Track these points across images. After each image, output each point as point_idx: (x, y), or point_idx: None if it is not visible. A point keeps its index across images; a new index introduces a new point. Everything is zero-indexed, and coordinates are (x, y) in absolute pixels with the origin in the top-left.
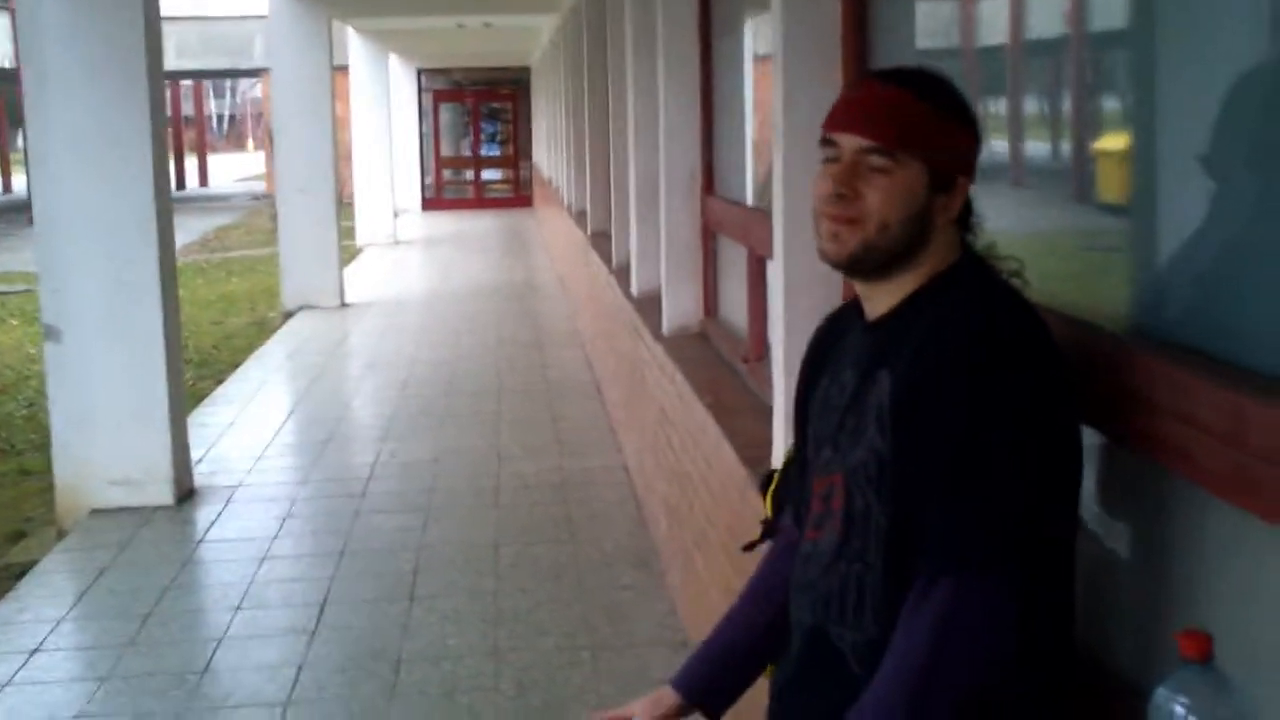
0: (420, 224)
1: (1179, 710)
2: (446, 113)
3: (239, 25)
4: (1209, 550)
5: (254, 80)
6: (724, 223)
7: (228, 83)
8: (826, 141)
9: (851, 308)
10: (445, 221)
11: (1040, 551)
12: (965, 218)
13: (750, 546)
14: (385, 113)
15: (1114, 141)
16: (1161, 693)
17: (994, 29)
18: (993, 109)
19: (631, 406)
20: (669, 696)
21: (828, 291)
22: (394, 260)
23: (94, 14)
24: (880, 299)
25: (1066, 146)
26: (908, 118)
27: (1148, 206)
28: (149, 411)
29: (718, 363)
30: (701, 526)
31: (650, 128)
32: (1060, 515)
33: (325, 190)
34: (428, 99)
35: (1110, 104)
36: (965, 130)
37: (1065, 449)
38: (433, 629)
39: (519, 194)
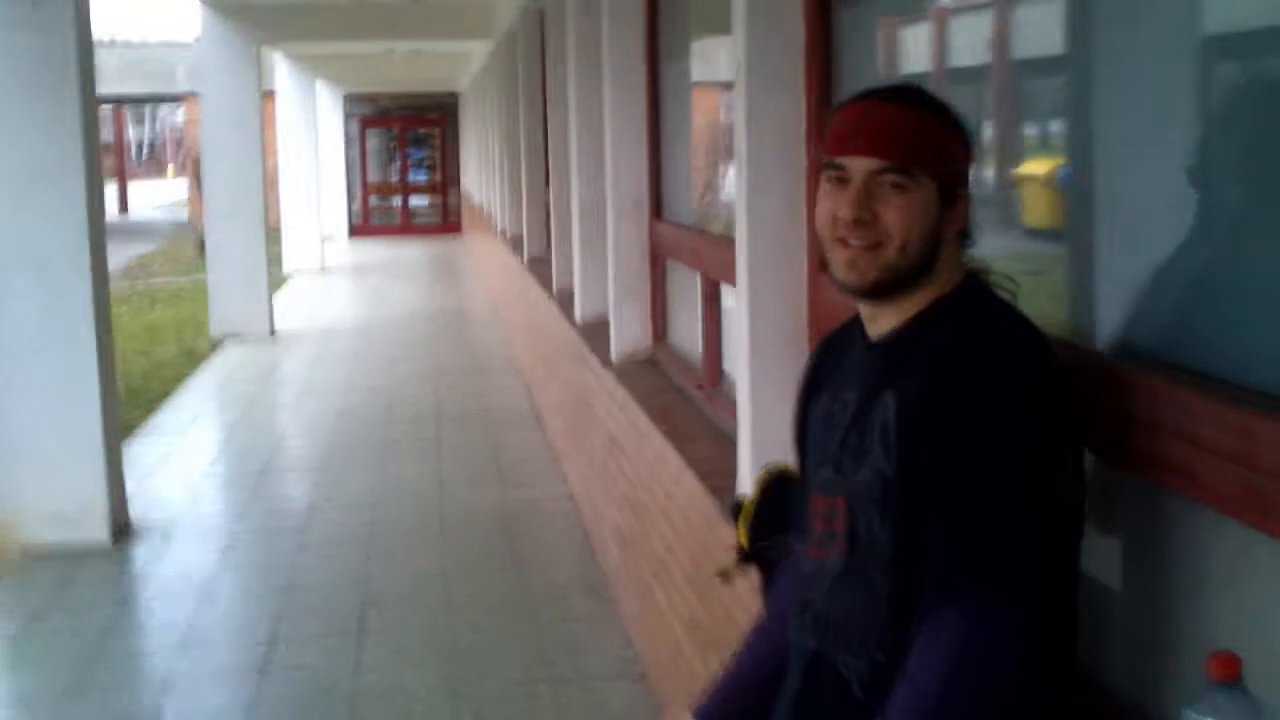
0: (348, 251)
1: None
2: (373, 138)
3: (160, 51)
4: (1213, 569)
5: (173, 106)
6: (674, 248)
7: (146, 108)
8: (832, 165)
9: (852, 327)
10: (373, 248)
11: (1048, 575)
12: (963, 233)
13: (724, 575)
14: (312, 138)
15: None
16: (1190, 715)
17: (962, 51)
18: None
19: (577, 434)
20: None
21: (794, 319)
22: (322, 288)
23: (24, 39)
24: (885, 319)
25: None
26: (918, 135)
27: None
28: (83, 446)
29: (670, 389)
30: (660, 557)
31: (593, 154)
32: (1066, 539)
33: (254, 217)
34: (354, 125)
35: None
36: (964, 143)
37: (1072, 472)
38: (386, 665)
39: (447, 221)
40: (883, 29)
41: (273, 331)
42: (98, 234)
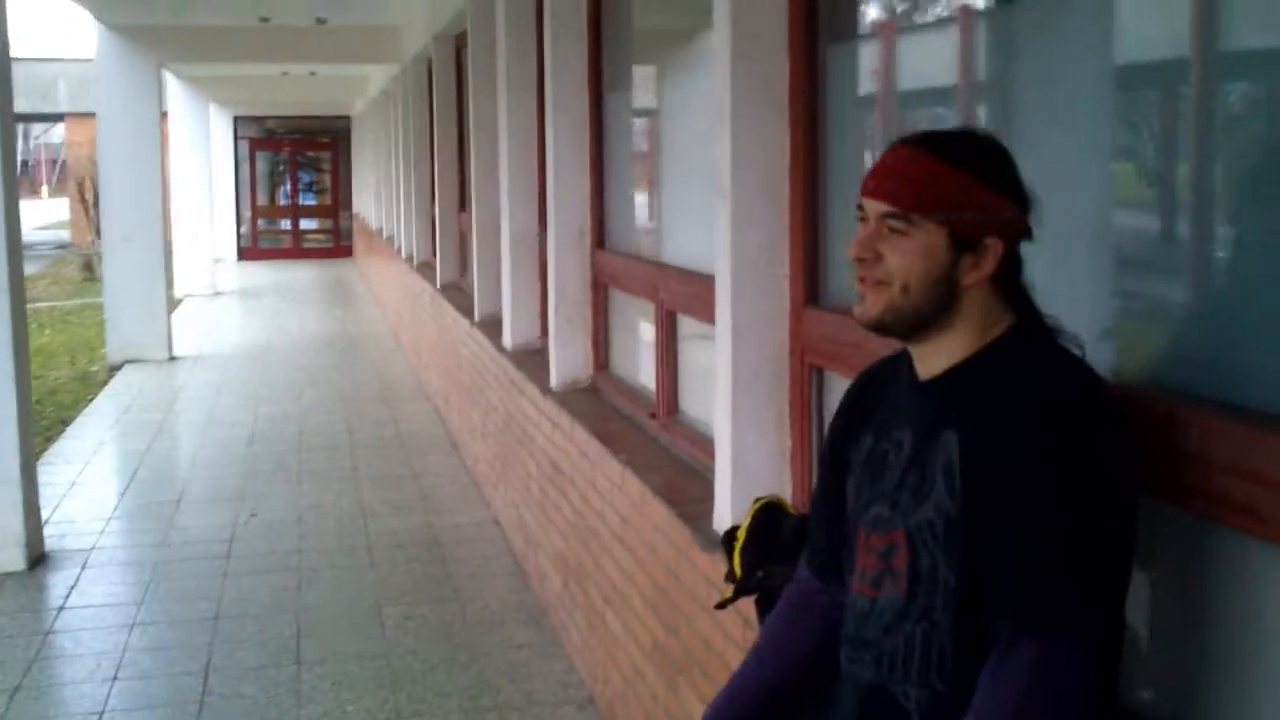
0: (239, 274)
1: None
2: (263, 161)
3: (39, 68)
4: (1261, 598)
5: (46, 125)
6: (622, 278)
7: (20, 127)
8: (859, 206)
9: (893, 365)
10: (265, 272)
11: (1109, 608)
12: (1013, 278)
13: (723, 605)
14: (205, 160)
15: None
16: None
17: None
18: None
19: (506, 462)
20: None
21: (776, 352)
22: (218, 311)
23: None
24: (933, 359)
25: None
26: (923, 180)
27: None
28: None
29: (617, 417)
30: (614, 583)
31: (526, 181)
32: (1122, 574)
33: (153, 239)
34: (244, 147)
35: None
36: (996, 191)
37: (1128, 509)
38: (328, 695)
39: (339, 244)
40: (870, 60)
41: (172, 356)
42: (15, 253)
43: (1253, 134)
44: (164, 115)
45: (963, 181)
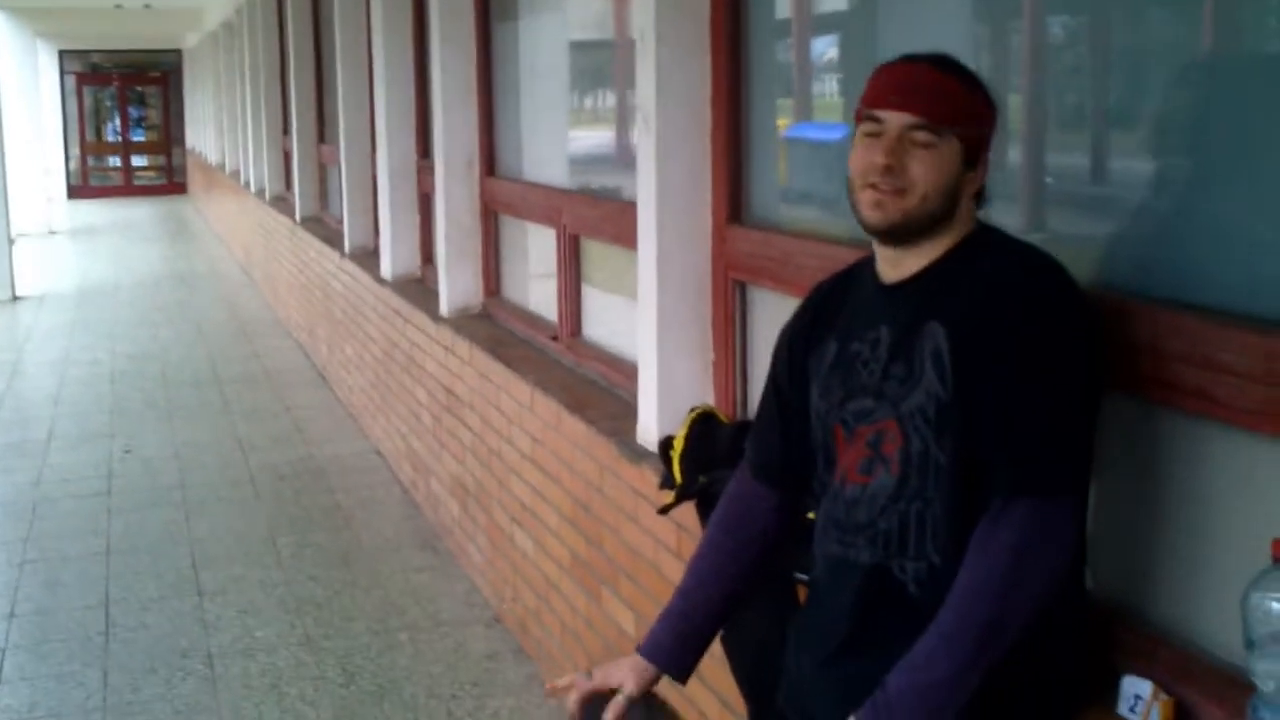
0: (71, 213)
1: (1276, 606)
2: (91, 97)
3: None
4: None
5: None
6: (515, 204)
7: None
8: (870, 117)
9: (854, 275)
10: (98, 210)
11: (1087, 477)
12: (979, 193)
13: (666, 509)
14: (35, 96)
15: None
16: (1255, 595)
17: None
18: None
19: (387, 391)
20: (646, 667)
21: (699, 273)
22: (55, 250)
23: None
24: (909, 262)
25: None
26: (949, 97)
27: None
28: None
29: (515, 341)
30: (523, 503)
31: (404, 113)
32: (1092, 443)
33: None
34: (70, 81)
35: None
36: (991, 111)
37: (1099, 381)
38: (234, 623)
39: (172, 181)
40: None
41: (15, 296)
42: None
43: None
44: None
45: (976, 100)
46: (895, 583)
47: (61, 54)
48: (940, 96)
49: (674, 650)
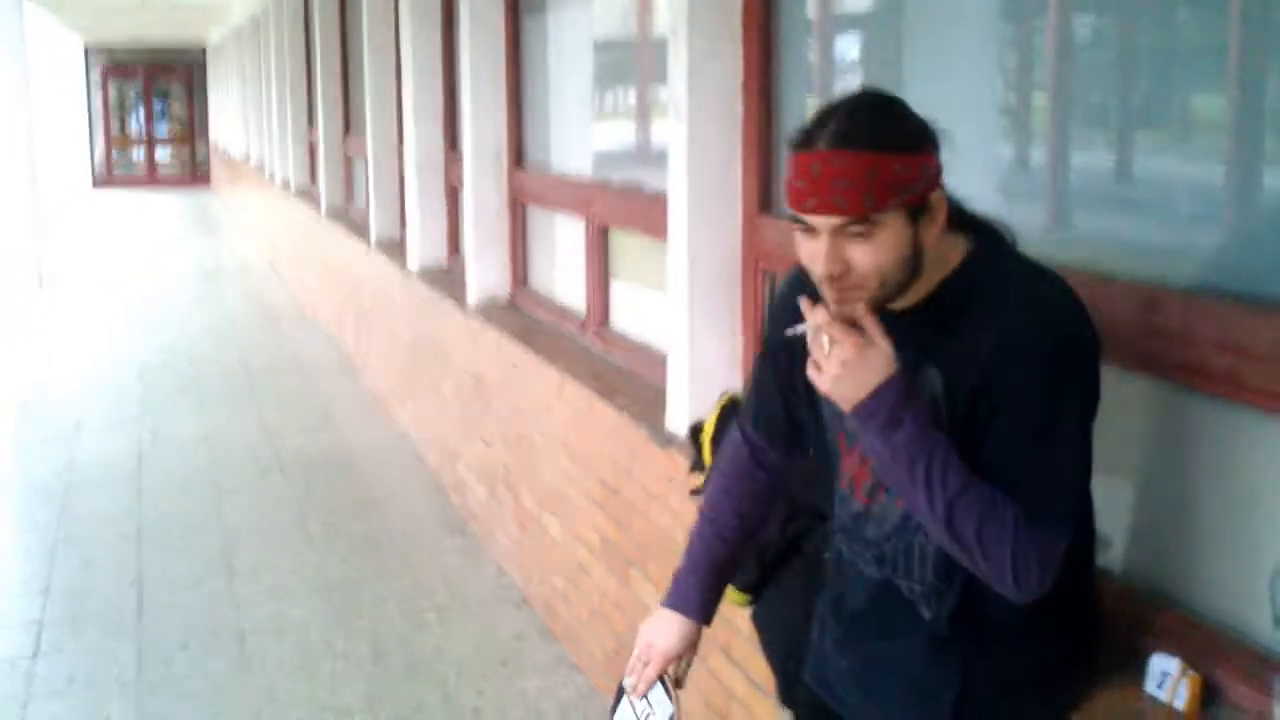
0: (97, 203)
1: None
2: (116, 90)
3: None
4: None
5: None
6: (548, 196)
7: None
8: (796, 219)
9: None
10: (123, 200)
11: (1087, 506)
12: (953, 207)
13: (697, 492)
14: (64, 86)
15: None
16: None
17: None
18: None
19: (414, 379)
20: (687, 625)
21: (729, 261)
22: (82, 239)
23: None
24: (904, 298)
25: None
26: (874, 179)
27: None
28: None
29: (542, 330)
30: (552, 488)
31: (432, 106)
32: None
33: (18, 165)
34: (96, 74)
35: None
36: (926, 152)
37: (1095, 410)
38: (266, 603)
39: (196, 173)
40: None
41: (41, 283)
42: None
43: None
44: None
45: (899, 160)
46: (905, 601)
47: (88, 47)
48: (865, 185)
49: (706, 601)
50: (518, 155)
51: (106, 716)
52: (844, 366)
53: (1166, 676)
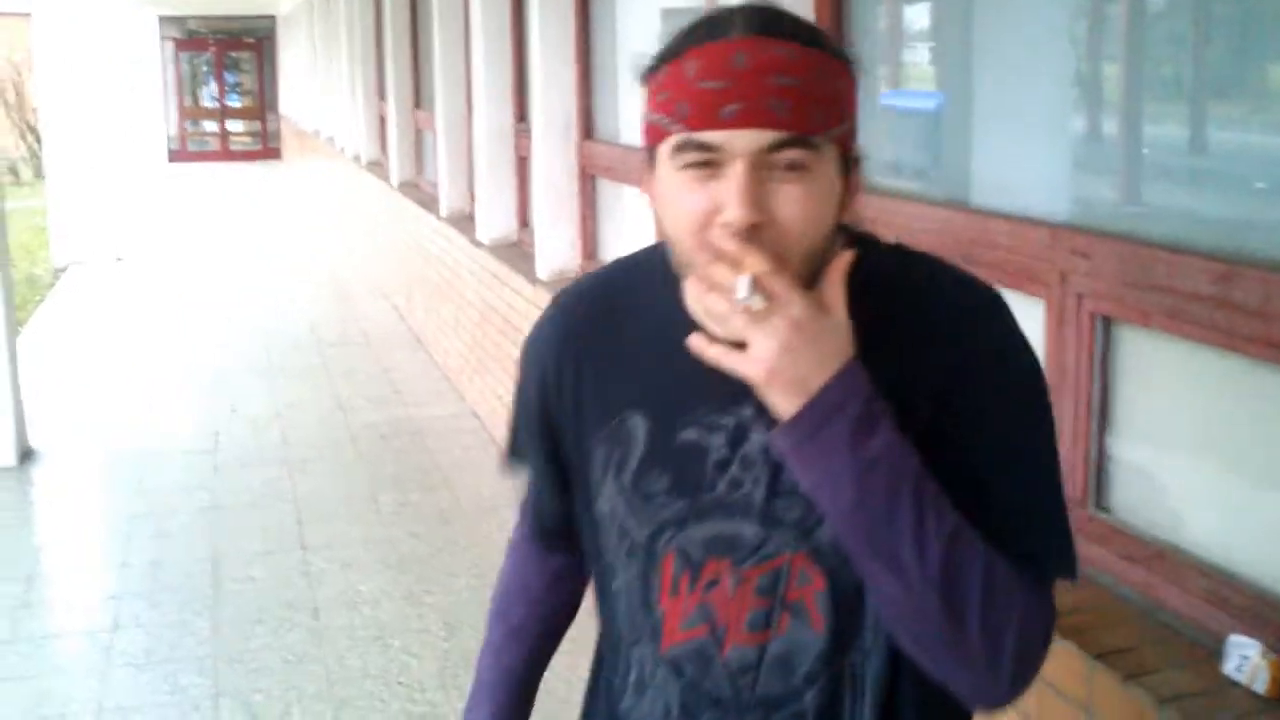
0: (171, 177)
1: None
2: (188, 63)
3: None
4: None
5: None
6: (619, 168)
7: None
8: (693, 145)
9: (629, 302)
10: (196, 174)
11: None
12: None
13: None
14: (142, 63)
15: None
16: None
17: None
18: None
19: (483, 353)
20: None
21: None
22: (158, 213)
23: None
24: None
25: None
26: (821, 82)
27: None
28: None
29: None
30: None
31: (501, 77)
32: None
33: (95, 141)
34: (168, 48)
35: None
36: (854, 77)
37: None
38: (338, 577)
39: (267, 146)
40: None
41: (119, 259)
42: None
43: None
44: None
45: (843, 71)
46: None
47: (160, 20)
48: (814, 89)
49: None
50: (587, 126)
51: (184, 689)
52: (797, 331)
53: (1245, 660)
